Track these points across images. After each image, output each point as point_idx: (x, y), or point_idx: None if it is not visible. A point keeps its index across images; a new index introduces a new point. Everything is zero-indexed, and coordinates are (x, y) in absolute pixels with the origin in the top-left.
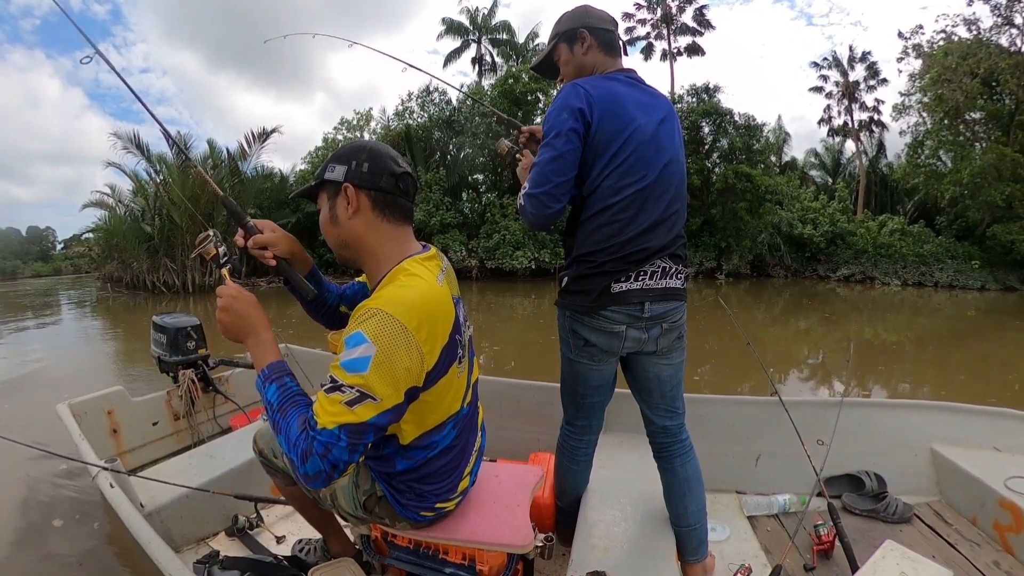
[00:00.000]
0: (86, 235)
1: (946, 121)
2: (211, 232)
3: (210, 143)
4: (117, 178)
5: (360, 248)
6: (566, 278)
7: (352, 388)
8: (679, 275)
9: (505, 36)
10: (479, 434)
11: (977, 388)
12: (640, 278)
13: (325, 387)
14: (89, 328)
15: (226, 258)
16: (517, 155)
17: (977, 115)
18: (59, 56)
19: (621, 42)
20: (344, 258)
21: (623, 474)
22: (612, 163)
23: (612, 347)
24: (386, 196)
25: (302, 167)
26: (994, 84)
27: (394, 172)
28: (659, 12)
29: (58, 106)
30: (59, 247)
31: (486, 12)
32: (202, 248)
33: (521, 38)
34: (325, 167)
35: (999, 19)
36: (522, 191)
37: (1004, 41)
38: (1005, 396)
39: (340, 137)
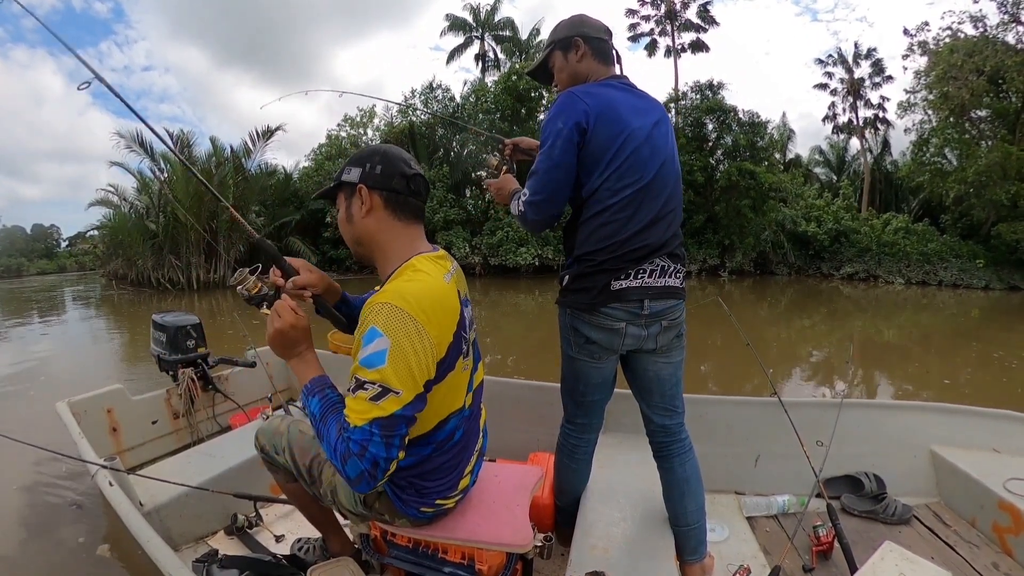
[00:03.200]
0: (91, 232)
1: (951, 119)
2: (248, 270)
3: (213, 141)
4: (121, 176)
5: (372, 245)
6: (567, 277)
7: (373, 384)
8: (678, 274)
9: (508, 33)
10: (481, 435)
11: (981, 389)
12: (639, 276)
13: (351, 388)
14: (93, 325)
15: (267, 293)
16: (505, 167)
17: (983, 113)
18: (61, 54)
19: (615, 51)
20: (358, 254)
21: (622, 474)
22: (610, 166)
23: (612, 344)
24: (397, 196)
25: (305, 164)
26: (1000, 82)
27: (405, 173)
28: (663, 8)
29: (62, 103)
30: (63, 244)
31: (489, 9)
32: (244, 285)
33: (524, 35)
34: (343, 170)
35: (1006, 16)
36: (522, 197)
37: (1011, 38)
38: (1009, 397)
39: (344, 134)
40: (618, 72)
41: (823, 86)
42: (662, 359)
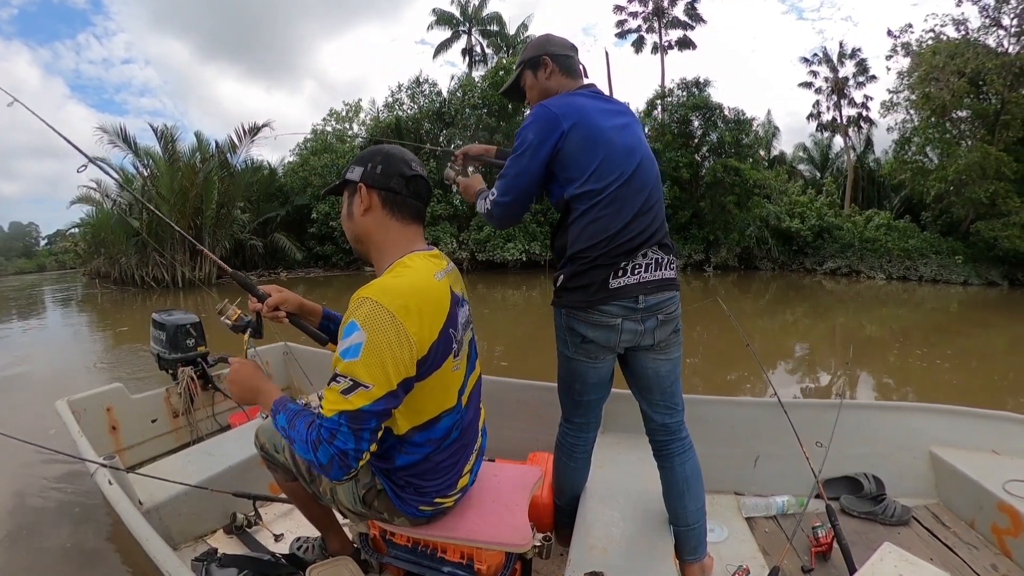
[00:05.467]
0: (71, 230)
1: (933, 119)
2: (228, 301)
3: (198, 135)
4: (103, 172)
5: (369, 243)
6: (562, 276)
7: (345, 377)
8: (671, 265)
9: (495, 27)
10: (480, 435)
11: (960, 381)
12: (636, 272)
13: (329, 378)
14: (77, 325)
15: (247, 321)
16: (459, 178)
17: (963, 114)
18: (38, 46)
19: (581, 65)
20: (358, 252)
21: (621, 474)
22: (589, 167)
23: (609, 341)
24: (396, 196)
25: (290, 159)
26: (981, 84)
27: (404, 174)
28: (650, 5)
29: (39, 96)
30: (43, 243)
31: (477, 3)
32: (226, 315)
33: (512, 29)
34: (348, 168)
35: (987, 20)
36: (489, 197)
37: (991, 42)
38: (987, 388)
39: (329, 128)
40: (586, 83)
41: (808, 84)
42: (661, 356)
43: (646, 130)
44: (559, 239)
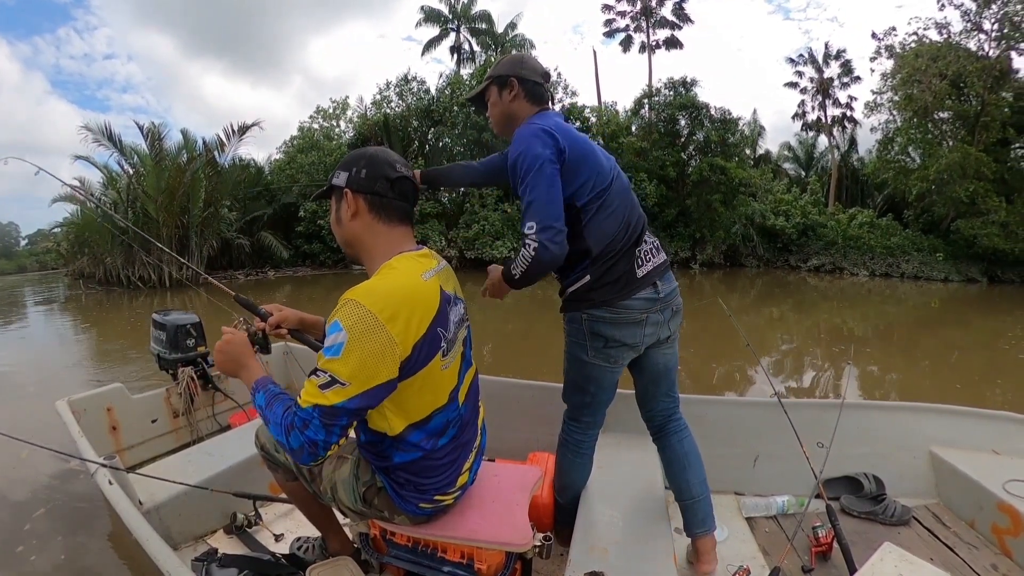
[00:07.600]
0: (54, 230)
1: (915, 120)
2: (241, 319)
3: (184, 133)
4: (86, 170)
5: (359, 247)
6: (588, 277)
7: (325, 373)
8: (661, 249)
9: (484, 26)
10: (479, 433)
11: (943, 375)
12: (648, 258)
13: (310, 372)
14: (61, 327)
15: (257, 337)
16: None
17: (945, 115)
18: (17, 41)
19: (550, 94)
20: (349, 255)
21: (622, 475)
22: (592, 171)
23: (635, 338)
24: (382, 200)
25: (277, 157)
26: (962, 86)
27: (389, 177)
28: (638, 4)
29: (19, 91)
30: (23, 243)
31: (466, 1)
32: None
33: (500, 27)
34: (333, 174)
35: (968, 24)
36: (530, 234)
37: (972, 45)
38: (969, 382)
39: (316, 126)
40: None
41: (793, 84)
42: (669, 349)
43: (633, 128)
44: (574, 247)
